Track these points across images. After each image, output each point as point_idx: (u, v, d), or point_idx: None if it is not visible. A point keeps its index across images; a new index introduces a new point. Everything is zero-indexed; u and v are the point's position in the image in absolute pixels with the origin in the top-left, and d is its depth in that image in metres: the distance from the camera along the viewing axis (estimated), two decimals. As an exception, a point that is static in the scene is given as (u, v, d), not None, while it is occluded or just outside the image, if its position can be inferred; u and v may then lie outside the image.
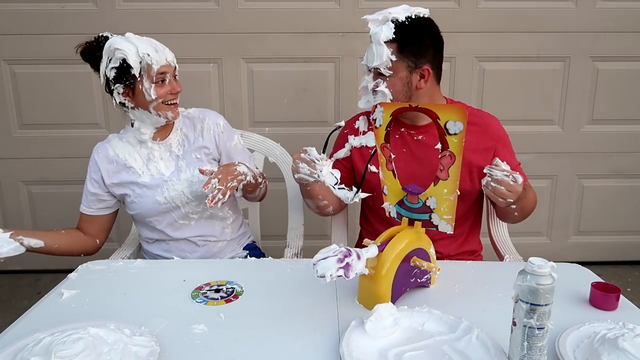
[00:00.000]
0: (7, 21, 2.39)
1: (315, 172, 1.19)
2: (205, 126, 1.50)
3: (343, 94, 2.52)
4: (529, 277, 0.78)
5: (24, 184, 2.61)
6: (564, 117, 2.59)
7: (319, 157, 1.19)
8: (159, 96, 1.37)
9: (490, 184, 1.18)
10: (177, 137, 1.49)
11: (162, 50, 1.37)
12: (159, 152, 1.47)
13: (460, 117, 0.97)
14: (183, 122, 1.51)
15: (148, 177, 1.45)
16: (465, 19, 2.42)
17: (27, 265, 2.72)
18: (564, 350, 0.86)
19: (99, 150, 1.50)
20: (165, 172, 1.46)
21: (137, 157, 1.47)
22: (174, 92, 1.40)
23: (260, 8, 2.42)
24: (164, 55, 1.36)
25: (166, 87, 1.38)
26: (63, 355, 0.78)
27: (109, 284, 1.17)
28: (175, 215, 1.47)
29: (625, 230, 2.77)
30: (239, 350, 0.89)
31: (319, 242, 1.25)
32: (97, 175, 1.47)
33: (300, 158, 1.22)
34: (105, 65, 1.37)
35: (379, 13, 1.33)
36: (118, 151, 1.47)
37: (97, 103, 2.51)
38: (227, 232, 1.56)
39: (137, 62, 1.33)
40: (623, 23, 2.48)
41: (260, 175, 1.54)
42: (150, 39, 1.39)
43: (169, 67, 1.38)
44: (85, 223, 1.52)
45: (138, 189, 1.45)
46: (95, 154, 1.49)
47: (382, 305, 0.93)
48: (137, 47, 1.33)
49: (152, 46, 1.35)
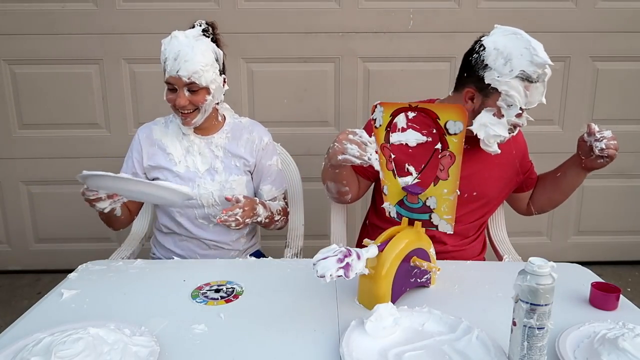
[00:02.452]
0: (7, 21, 2.39)
1: (365, 154, 1.14)
2: (250, 138, 1.51)
3: (343, 94, 2.52)
4: (529, 277, 0.78)
5: (24, 184, 2.61)
6: (564, 117, 2.59)
7: (370, 140, 1.15)
8: (167, 100, 1.40)
9: (610, 144, 1.27)
10: (222, 138, 1.50)
11: (181, 61, 1.33)
12: (199, 146, 1.48)
13: (460, 117, 0.97)
14: (233, 127, 1.52)
15: (183, 168, 1.46)
16: (465, 19, 2.42)
17: (27, 265, 2.72)
18: (564, 350, 0.86)
19: (143, 131, 1.52)
20: (201, 168, 1.47)
21: (178, 146, 1.48)
22: (175, 105, 1.38)
23: (260, 8, 2.42)
24: (177, 67, 1.33)
25: (171, 96, 1.39)
26: (63, 355, 0.78)
27: (109, 284, 1.17)
28: (197, 213, 1.47)
29: (625, 230, 2.77)
30: (239, 350, 0.89)
31: (319, 242, 1.24)
32: (139, 154, 1.50)
33: (348, 139, 1.15)
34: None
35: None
36: (161, 135, 1.49)
37: (97, 103, 2.51)
38: (242, 241, 1.57)
39: (162, 61, 1.37)
40: (623, 23, 2.48)
41: (280, 212, 1.55)
42: (190, 44, 1.34)
43: (178, 80, 1.35)
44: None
45: (171, 176, 1.46)
46: (140, 133, 1.52)
47: (382, 305, 0.93)
48: (166, 48, 1.36)
49: (176, 52, 1.33)
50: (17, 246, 2.70)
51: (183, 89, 1.37)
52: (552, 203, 1.54)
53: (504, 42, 1.20)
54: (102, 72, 2.47)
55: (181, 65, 1.33)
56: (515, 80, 1.19)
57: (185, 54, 1.33)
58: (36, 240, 2.70)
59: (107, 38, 2.43)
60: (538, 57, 1.16)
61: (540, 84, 1.21)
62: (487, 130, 1.24)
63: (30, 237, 2.69)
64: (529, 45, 1.17)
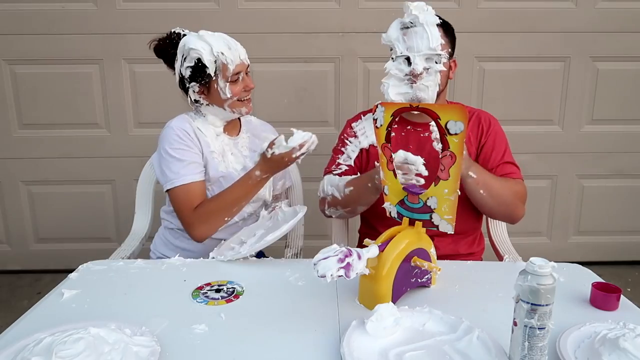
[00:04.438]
0: (7, 21, 2.39)
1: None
2: (265, 137, 1.54)
3: (343, 94, 2.52)
4: (529, 277, 0.78)
5: (24, 184, 2.61)
6: (564, 117, 2.60)
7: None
8: (234, 94, 1.40)
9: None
10: (244, 138, 1.53)
11: (234, 47, 1.38)
12: (229, 146, 1.49)
13: (460, 117, 0.97)
14: (248, 126, 1.55)
15: (224, 167, 1.46)
16: (465, 19, 2.42)
17: (27, 265, 2.72)
18: (565, 351, 0.85)
19: (185, 124, 1.42)
20: (237, 167, 1.48)
21: (217, 145, 1.47)
22: (247, 89, 1.43)
23: (260, 8, 2.42)
24: (237, 53, 1.38)
25: (240, 85, 1.41)
26: (64, 355, 0.78)
27: (110, 283, 1.17)
28: None
29: (625, 230, 2.77)
30: (240, 350, 0.89)
31: (319, 242, 1.25)
32: (196, 143, 1.42)
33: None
34: (180, 64, 1.39)
35: (411, 2, 1.33)
36: (205, 131, 1.45)
37: (97, 103, 2.51)
38: None
39: (212, 61, 1.36)
40: (623, 23, 2.48)
41: (276, 197, 1.60)
42: (223, 34, 1.39)
43: (242, 65, 1.40)
44: (196, 191, 1.39)
45: (216, 174, 1.43)
46: (182, 126, 1.42)
47: (383, 305, 0.93)
48: (211, 46, 1.35)
49: (225, 43, 1.37)
50: (17, 246, 2.70)
51: (245, 73, 1.41)
52: (482, 208, 1.41)
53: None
54: (102, 72, 2.48)
55: (239, 51, 1.39)
56: (396, 31, 1.36)
57: (233, 42, 1.39)
58: (36, 240, 2.70)
59: (107, 38, 2.43)
60: (409, 5, 1.31)
61: (419, 28, 1.32)
62: (393, 91, 1.36)
63: (30, 237, 2.69)
64: (406, 2, 1.34)
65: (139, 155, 2.24)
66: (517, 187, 1.39)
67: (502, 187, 1.35)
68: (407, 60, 1.35)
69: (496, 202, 1.35)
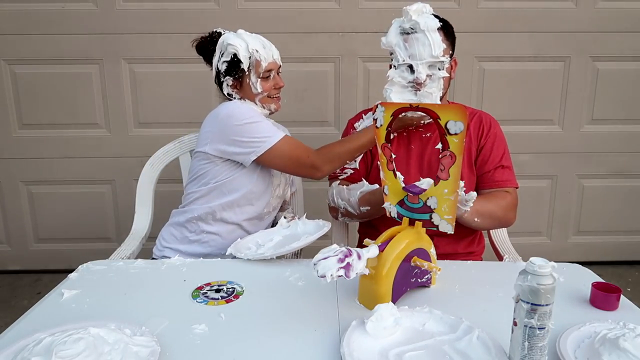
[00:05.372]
0: (7, 21, 2.39)
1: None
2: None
3: (343, 94, 2.52)
4: (529, 277, 0.78)
5: (24, 184, 2.61)
6: (563, 117, 2.60)
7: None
8: (264, 90, 1.47)
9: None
10: None
11: (269, 47, 1.47)
12: None
13: (460, 117, 0.97)
14: None
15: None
16: (465, 19, 2.42)
17: (27, 265, 2.72)
18: (565, 351, 0.85)
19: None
20: None
21: None
22: (277, 87, 1.51)
23: (260, 8, 2.42)
24: (270, 52, 1.46)
25: (270, 82, 1.48)
26: (64, 355, 0.78)
27: (110, 284, 1.17)
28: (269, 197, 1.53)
29: (625, 230, 2.77)
30: (240, 350, 0.89)
31: (319, 242, 1.25)
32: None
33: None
34: (217, 58, 1.47)
35: (410, 7, 1.33)
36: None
37: (97, 103, 2.51)
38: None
39: (247, 57, 1.43)
40: (623, 23, 2.48)
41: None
42: (259, 36, 1.48)
43: (274, 64, 1.48)
44: (298, 140, 1.46)
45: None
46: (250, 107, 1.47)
47: (383, 305, 0.93)
48: (247, 43, 1.43)
49: (260, 43, 1.46)
50: (17, 246, 2.71)
51: (277, 72, 1.50)
52: (475, 228, 1.42)
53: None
54: (102, 72, 2.48)
55: (273, 51, 1.48)
56: (396, 37, 1.34)
57: (268, 42, 1.47)
58: (36, 240, 2.70)
59: (107, 38, 2.44)
60: (408, 10, 1.30)
61: (420, 34, 1.30)
62: (396, 97, 1.36)
63: (30, 237, 2.69)
64: (404, 7, 1.32)
65: (139, 155, 2.25)
66: (507, 199, 1.40)
67: (493, 208, 1.36)
68: (409, 68, 1.35)
69: (488, 223, 1.39)
